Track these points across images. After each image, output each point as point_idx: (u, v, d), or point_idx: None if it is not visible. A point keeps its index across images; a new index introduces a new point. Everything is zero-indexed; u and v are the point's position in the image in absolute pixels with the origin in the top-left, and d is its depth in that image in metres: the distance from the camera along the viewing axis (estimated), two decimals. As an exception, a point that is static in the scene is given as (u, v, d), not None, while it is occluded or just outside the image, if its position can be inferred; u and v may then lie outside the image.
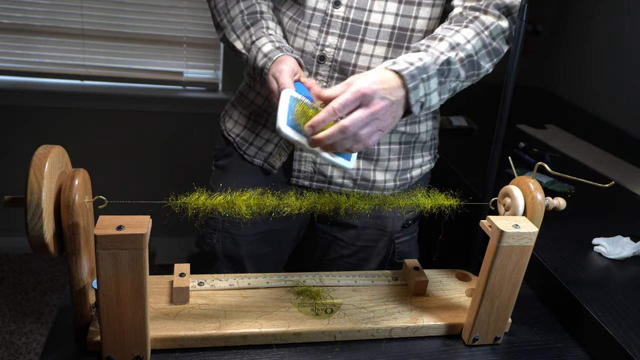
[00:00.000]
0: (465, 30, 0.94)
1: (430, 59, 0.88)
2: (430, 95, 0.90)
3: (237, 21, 1.04)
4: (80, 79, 2.23)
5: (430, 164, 1.20)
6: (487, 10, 0.97)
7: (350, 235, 1.18)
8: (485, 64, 0.97)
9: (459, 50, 0.92)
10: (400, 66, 0.86)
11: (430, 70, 0.88)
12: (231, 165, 1.19)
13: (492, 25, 0.96)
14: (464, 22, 0.96)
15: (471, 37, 0.94)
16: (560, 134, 1.76)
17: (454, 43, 0.92)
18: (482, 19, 0.96)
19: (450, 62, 0.90)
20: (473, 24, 0.95)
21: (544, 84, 2.36)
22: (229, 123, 1.20)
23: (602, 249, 1.05)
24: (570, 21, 2.25)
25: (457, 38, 0.93)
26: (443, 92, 0.93)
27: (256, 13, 1.03)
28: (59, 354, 0.75)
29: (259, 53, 0.99)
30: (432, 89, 0.90)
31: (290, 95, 0.86)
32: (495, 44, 0.97)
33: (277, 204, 0.81)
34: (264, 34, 1.00)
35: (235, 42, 1.04)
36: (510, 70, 0.92)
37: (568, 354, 0.86)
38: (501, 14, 0.97)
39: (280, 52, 0.96)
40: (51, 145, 0.69)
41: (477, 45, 0.94)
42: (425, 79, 0.88)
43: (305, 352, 0.80)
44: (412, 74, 0.85)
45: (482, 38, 0.95)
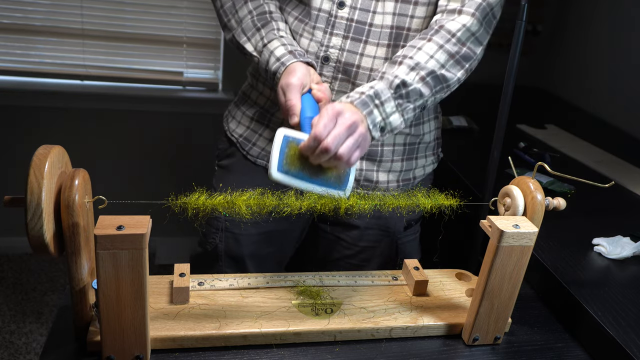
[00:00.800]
0: (428, 45, 0.95)
1: (383, 84, 0.92)
2: (389, 119, 0.93)
3: (246, 22, 1.03)
4: (80, 79, 2.23)
5: (433, 164, 1.19)
6: (462, 9, 0.96)
7: (353, 236, 1.18)
8: (455, 73, 0.97)
9: (419, 70, 0.93)
10: (352, 97, 0.90)
11: (383, 95, 0.91)
12: (234, 165, 1.19)
13: (459, 31, 0.95)
14: (428, 35, 0.96)
15: (434, 52, 0.94)
16: (560, 134, 1.76)
17: (412, 64, 0.93)
18: (448, 27, 0.95)
19: (406, 84, 0.92)
20: (437, 36, 0.95)
21: (544, 84, 2.36)
22: (232, 123, 1.20)
23: (602, 249, 1.05)
24: (570, 21, 2.25)
25: (418, 57, 0.94)
26: (406, 113, 0.95)
27: (265, 13, 1.03)
28: (59, 354, 0.75)
29: (271, 57, 0.99)
30: (389, 112, 0.92)
31: (283, 135, 0.88)
32: (465, 49, 0.96)
33: (277, 204, 0.81)
34: (276, 36, 1.00)
35: (246, 44, 1.03)
36: (510, 70, 0.92)
37: (568, 354, 0.86)
38: (476, 12, 0.96)
39: (293, 58, 0.97)
40: (51, 145, 0.69)
41: (442, 58, 0.95)
42: (378, 104, 0.91)
43: (305, 352, 0.80)
44: (363, 101, 0.90)
45: (447, 49, 0.95)
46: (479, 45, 0.99)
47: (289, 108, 0.92)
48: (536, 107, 2.15)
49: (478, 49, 0.99)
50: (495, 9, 0.98)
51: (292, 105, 0.91)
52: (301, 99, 0.93)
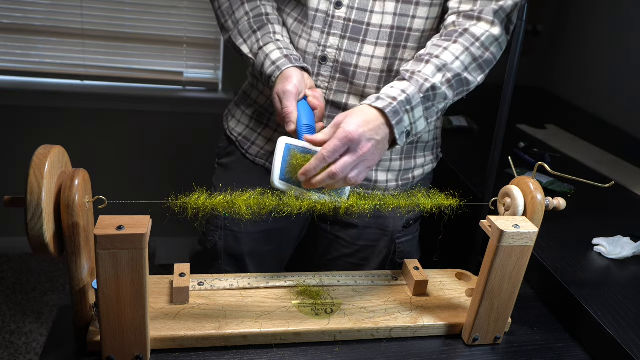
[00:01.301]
0: (454, 46, 0.94)
1: (414, 88, 0.90)
2: (417, 123, 0.92)
3: (243, 24, 1.03)
4: (80, 79, 2.23)
5: (432, 163, 1.20)
6: (480, 16, 0.96)
7: (352, 235, 1.18)
8: (476, 77, 0.97)
9: (445, 72, 0.92)
10: (383, 103, 0.87)
11: (414, 100, 0.90)
12: (234, 163, 1.20)
13: (483, 35, 0.95)
14: (453, 37, 0.95)
15: (460, 54, 0.94)
16: (560, 134, 1.76)
17: (440, 64, 0.92)
18: (473, 31, 0.95)
19: (435, 88, 0.91)
20: (462, 38, 0.95)
21: (544, 84, 2.36)
22: (232, 122, 1.20)
23: (602, 249, 1.05)
24: (570, 21, 2.25)
25: (445, 57, 0.93)
26: (430, 116, 0.94)
27: (262, 15, 1.03)
28: (59, 354, 0.75)
29: (266, 60, 0.99)
30: (417, 117, 0.91)
31: (285, 144, 0.89)
32: (489, 54, 0.97)
33: (277, 204, 0.81)
34: (271, 39, 1.00)
35: (242, 46, 1.04)
36: (510, 70, 0.92)
37: (568, 354, 0.86)
38: (495, 19, 0.96)
39: (288, 62, 0.97)
40: (51, 145, 0.69)
41: (467, 61, 0.94)
42: (409, 110, 0.89)
43: (305, 352, 0.80)
44: (394, 110, 0.87)
45: (472, 52, 0.95)
46: (500, 50, 0.99)
47: (286, 115, 0.92)
48: (536, 107, 2.15)
49: (499, 54, 0.99)
50: (512, 14, 0.98)
51: (289, 113, 0.92)
52: (297, 106, 0.94)
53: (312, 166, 0.83)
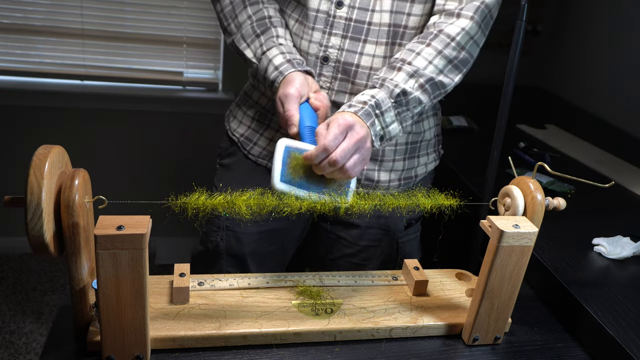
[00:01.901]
0: (427, 50, 0.95)
1: (384, 94, 0.92)
2: (389, 128, 0.94)
3: (246, 28, 1.03)
4: (80, 79, 2.23)
5: (435, 161, 1.20)
6: (460, 12, 0.96)
7: (354, 235, 1.18)
8: (453, 78, 0.98)
9: (417, 77, 0.94)
10: (355, 108, 0.91)
11: (384, 105, 0.92)
12: (235, 164, 1.20)
13: (458, 35, 0.95)
14: (427, 39, 0.96)
15: (433, 57, 0.95)
16: (560, 134, 1.76)
17: (412, 71, 0.94)
18: (448, 31, 0.96)
19: (406, 93, 0.93)
20: (436, 40, 0.95)
21: (544, 84, 2.36)
22: (234, 123, 1.20)
23: (602, 249, 1.05)
24: (570, 21, 2.25)
25: (417, 63, 0.94)
26: (405, 120, 0.96)
27: (265, 19, 1.03)
28: (59, 354, 0.75)
29: (270, 65, 0.99)
30: (388, 121, 0.93)
31: (285, 146, 0.89)
32: (464, 53, 0.97)
33: (277, 204, 0.81)
34: (275, 43, 1.00)
35: (246, 50, 1.04)
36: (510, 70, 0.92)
37: (568, 354, 0.86)
38: (475, 15, 0.96)
39: (291, 67, 0.97)
40: (51, 145, 0.69)
41: (440, 64, 0.95)
42: (379, 114, 0.92)
43: (305, 352, 0.80)
44: (366, 112, 0.90)
45: (446, 54, 0.95)
46: (477, 48, 0.99)
47: (288, 118, 0.92)
48: (536, 107, 2.15)
49: (475, 52, 1.00)
50: (493, 10, 0.98)
51: (291, 116, 0.92)
52: (299, 108, 0.94)
53: (313, 155, 0.85)
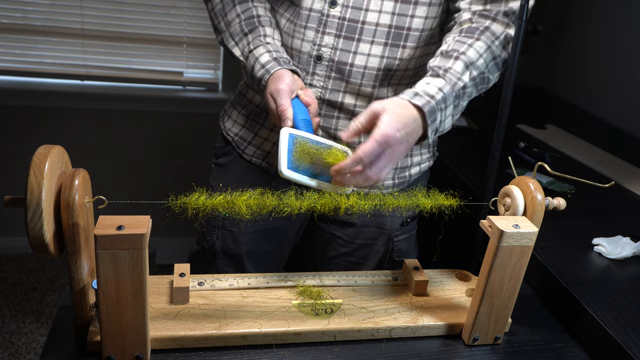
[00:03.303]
0: (477, 43, 0.95)
1: (449, 88, 0.91)
2: (446, 120, 0.94)
3: (234, 27, 1.03)
4: (80, 79, 2.23)
5: (429, 161, 1.20)
6: (496, 18, 0.97)
7: (349, 234, 1.18)
8: (493, 75, 0.99)
9: (472, 69, 0.94)
10: (422, 100, 0.88)
11: (449, 100, 0.91)
12: (230, 163, 1.20)
13: (502, 35, 0.97)
14: (475, 34, 0.96)
15: (483, 51, 0.95)
16: (560, 134, 1.76)
17: (467, 61, 0.93)
18: (493, 29, 0.96)
19: (465, 87, 0.93)
20: (484, 36, 0.96)
21: (544, 84, 2.36)
22: (228, 122, 1.21)
23: (602, 249, 1.05)
24: (570, 21, 2.25)
25: (470, 54, 0.94)
26: (456, 114, 0.96)
27: (253, 18, 1.03)
28: (59, 354, 0.75)
29: (256, 63, 0.99)
30: (447, 115, 0.93)
31: (289, 134, 0.89)
32: (505, 53, 0.98)
33: (277, 204, 0.81)
34: (262, 42, 1.01)
35: (234, 48, 1.04)
36: (510, 70, 0.92)
37: (568, 354, 0.86)
38: (509, 22, 0.97)
39: (277, 65, 0.97)
40: (51, 145, 0.69)
41: (488, 58, 0.95)
42: (443, 108, 0.91)
43: (305, 352, 0.80)
44: (432, 108, 0.89)
45: (493, 50, 0.96)
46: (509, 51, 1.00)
47: (282, 113, 0.92)
48: (536, 107, 2.15)
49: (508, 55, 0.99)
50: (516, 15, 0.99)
51: (284, 110, 0.92)
52: (291, 103, 0.94)
53: (346, 165, 0.84)
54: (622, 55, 1.96)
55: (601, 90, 2.04)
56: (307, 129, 0.92)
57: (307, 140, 0.90)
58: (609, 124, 1.95)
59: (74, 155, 0.77)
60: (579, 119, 2.02)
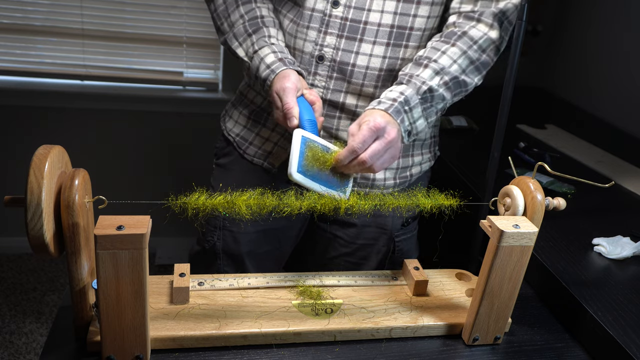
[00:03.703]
0: (452, 49, 0.97)
1: (412, 90, 0.94)
2: (416, 123, 0.96)
3: (238, 28, 1.03)
4: (80, 79, 2.23)
5: (430, 161, 1.20)
6: (480, 18, 0.98)
7: (350, 234, 1.18)
8: (473, 78, 1.00)
9: (443, 75, 0.96)
10: (385, 105, 0.92)
11: (412, 102, 0.94)
12: (231, 164, 1.19)
13: (481, 38, 0.98)
14: (452, 39, 0.98)
15: (457, 57, 0.97)
16: (560, 134, 1.76)
17: (438, 68, 0.96)
18: (471, 34, 0.98)
19: (432, 90, 0.95)
20: (460, 41, 0.97)
21: (544, 84, 2.36)
22: (229, 123, 1.20)
23: (602, 249, 1.05)
24: (570, 21, 2.25)
25: (443, 61, 0.96)
26: (430, 116, 0.98)
27: (257, 18, 1.03)
28: (59, 354, 0.75)
29: (261, 64, 0.99)
30: (416, 117, 0.95)
31: (301, 136, 0.90)
32: (485, 56, 0.99)
33: (277, 204, 0.81)
34: (266, 43, 1.01)
35: (238, 49, 1.04)
36: (510, 70, 0.92)
37: (568, 354, 0.86)
38: (494, 22, 0.98)
39: (283, 65, 0.97)
40: (51, 145, 0.69)
41: (464, 64, 0.98)
42: (407, 110, 0.94)
43: (305, 352, 0.80)
44: (396, 109, 0.92)
45: (469, 55, 0.98)
46: (498, 52, 1.02)
47: (288, 111, 0.92)
48: (536, 107, 2.15)
49: (495, 56, 1.02)
50: (511, 16, 1.00)
51: (290, 108, 0.92)
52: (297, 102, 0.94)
53: (342, 156, 0.88)
54: (622, 55, 1.96)
55: (601, 90, 2.04)
56: (312, 129, 0.92)
57: (318, 145, 0.91)
58: (609, 124, 1.95)
59: (74, 155, 0.77)
60: (579, 119, 2.02)
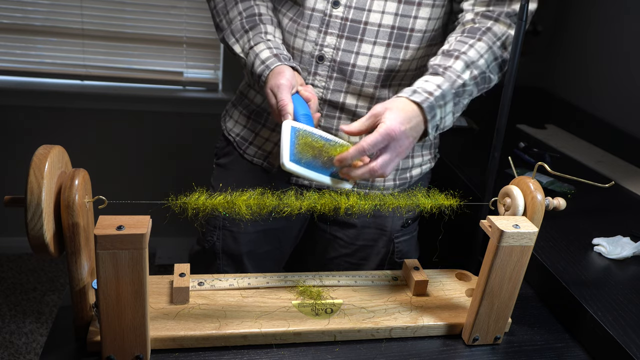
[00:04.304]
0: (479, 44, 0.96)
1: (448, 85, 0.92)
2: (446, 117, 0.94)
3: (235, 24, 1.04)
4: (80, 79, 2.23)
5: (430, 163, 1.20)
6: (498, 18, 0.98)
7: (350, 235, 1.18)
8: (495, 75, 1.00)
9: (473, 68, 0.94)
10: (421, 97, 0.90)
11: (447, 96, 0.92)
12: (231, 164, 1.20)
13: (503, 35, 0.98)
14: (477, 34, 0.96)
15: (484, 52, 0.96)
16: (560, 134, 1.76)
17: (468, 61, 0.94)
18: (495, 30, 0.97)
19: (465, 84, 0.94)
20: (486, 36, 0.96)
21: (544, 84, 2.36)
22: (229, 123, 1.21)
23: (602, 249, 1.05)
24: (570, 21, 2.25)
25: (471, 54, 0.95)
26: (457, 111, 0.97)
27: (255, 16, 1.03)
28: (59, 354, 0.75)
29: (256, 59, 0.99)
30: (447, 112, 0.94)
31: (291, 127, 0.89)
32: (506, 54, 0.99)
33: (277, 204, 0.81)
34: (262, 39, 1.01)
35: (234, 45, 1.04)
36: (510, 70, 0.92)
37: (568, 354, 0.86)
38: (512, 23, 0.98)
39: (277, 61, 0.97)
40: (51, 145, 0.69)
41: (489, 59, 0.96)
42: (442, 105, 0.92)
43: (305, 352, 0.80)
44: (431, 105, 0.90)
45: (494, 51, 0.97)
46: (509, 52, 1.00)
47: (282, 107, 0.92)
48: (536, 107, 2.15)
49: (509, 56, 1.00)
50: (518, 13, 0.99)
51: (285, 105, 0.92)
52: (292, 98, 0.94)
53: (349, 155, 0.86)
54: (622, 55, 1.96)
55: (601, 90, 2.04)
56: (308, 124, 0.92)
57: (310, 133, 0.90)
58: (609, 124, 1.95)
59: (74, 155, 0.77)
60: (579, 119, 2.02)
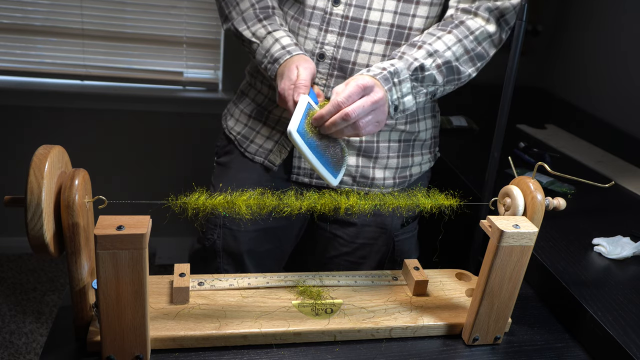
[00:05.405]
0: (447, 36, 0.98)
1: (403, 64, 0.94)
2: (404, 99, 0.95)
3: (248, 13, 1.05)
4: (80, 79, 2.23)
5: (430, 162, 1.20)
6: (477, 12, 0.99)
7: (350, 233, 1.18)
8: (467, 69, 1.00)
9: (436, 57, 0.96)
10: (374, 72, 0.93)
11: (402, 74, 0.94)
12: (232, 162, 1.20)
13: (477, 30, 0.99)
14: (448, 27, 0.99)
15: (452, 44, 0.97)
16: (560, 134, 1.76)
17: (431, 50, 0.96)
18: (468, 24, 0.99)
19: (424, 68, 0.95)
20: (457, 30, 0.98)
21: (544, 84, 2.36)
22: (230, 121, 1.21)
23: (602, 249, 1.05)
24: (570, 21, 2.25)
25: (437, 45, 0.97)
26: (419, 96, 0.98)
27: (268, 8, 1.05)
28: (59, 354, 0.75)
29: (276, 43, 1.00)
30: (404, 92, 0.95)
31: (307, 102, 0.91)
32: (481, 48, 1.00)
33: (277, 204, 0.81)
34: (280, 28, 1.03)
35: (245, 31, 1.05)
36: (510, 70, 0.92)
37: (568, 354, 0.86)
38: (490, 17, 0.99)
39: (299, 50, 0.99)
40: (51, 145, 0.69)
41: (458, 51, 0.98)
42: (396, 82, 0.93)
43: (305, 352, 0.80)
44: (385, 77, 0.92)
45: (465, 44, 0.98)
46: (494, 47, 1.03)
47: (299, 86, 0.93)
48: (536, 107, 2.15)
49: (492, 51, 1.03)
50: (508, 15, 1.01)
51: (304, 86, 0.93)
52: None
53: (325, 111, 0.88)
54: (622, 55, 1.96)
55: (601, 90, 2.04)
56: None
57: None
58: (609, 124, 1.95)
59: (74, 155, 0.77)
60: (579, 119, 2.02)
